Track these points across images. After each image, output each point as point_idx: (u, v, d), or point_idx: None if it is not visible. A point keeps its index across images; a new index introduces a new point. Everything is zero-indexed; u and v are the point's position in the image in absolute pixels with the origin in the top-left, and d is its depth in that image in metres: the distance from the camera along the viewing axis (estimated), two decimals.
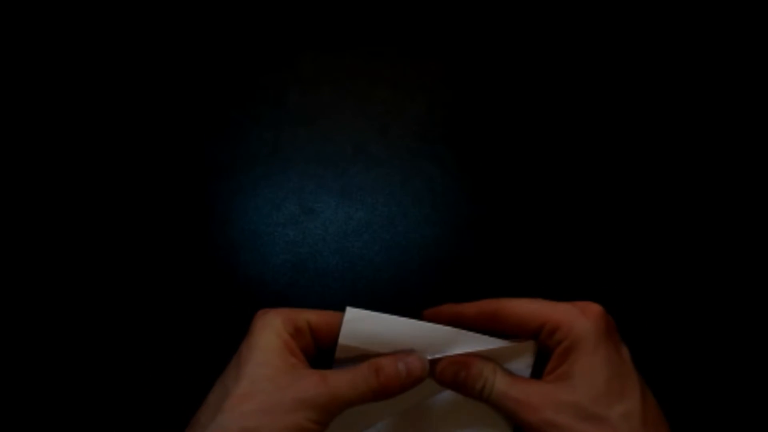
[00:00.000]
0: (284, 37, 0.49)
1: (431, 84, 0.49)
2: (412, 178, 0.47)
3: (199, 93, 0.48)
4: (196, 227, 0.46)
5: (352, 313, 0.33)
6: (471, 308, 0.35)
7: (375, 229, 0.46)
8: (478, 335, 0.34)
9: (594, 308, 0.32)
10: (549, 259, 0.46)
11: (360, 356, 0.33)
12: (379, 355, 0.33)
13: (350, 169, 0.47)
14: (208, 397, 0.32)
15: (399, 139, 0.48)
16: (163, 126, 0.48)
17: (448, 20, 0.50)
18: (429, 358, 0.34)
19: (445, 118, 0.48)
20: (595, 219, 0.46)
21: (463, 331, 0.34)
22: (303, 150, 0.47)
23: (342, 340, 0.33)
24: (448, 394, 0.35)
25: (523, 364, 0.34)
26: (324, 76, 0.49)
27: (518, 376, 0.33)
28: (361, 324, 0.33)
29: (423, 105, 0.48)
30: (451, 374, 0.33)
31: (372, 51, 0.49)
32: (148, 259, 0.45)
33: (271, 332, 0.32)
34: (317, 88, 0.48)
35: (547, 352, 0.33)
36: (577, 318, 0.32)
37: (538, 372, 0.34)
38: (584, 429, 0.29)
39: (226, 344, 0.44)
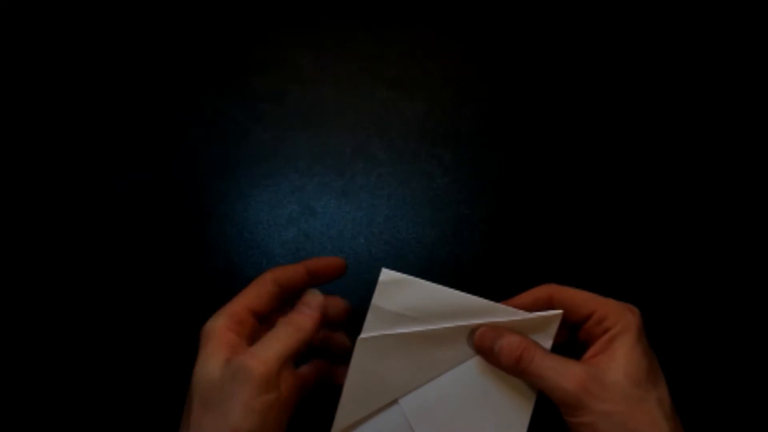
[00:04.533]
0: (284, 37, 0.49)
1: (431, 84, 0.49)
2: (412, 178, 0.47)
3: (199, 93, 0.48)
4: (196, 227, 0.46)
5: (386, 275, 0.35)
6: (527, 298, 0.37)
7: (375, 229, 0.46)
8: (507, 307, 0.36)
9: (635, 308, 0.35)
10: (549, 258, 0.46)
11: (391, 320, 0.35)
12: (410, 320, 0.35)
13: (350, 169, 0.47)
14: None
15: (399, 139, 0.48)
16: (163, 126, 0.48)
17: (447, 20, 0.50)
18: (463, 324, 0.35)
19: (445, 118, 0.48)
20: (595, 218, 0.46)
21: (494, 303, 0.36)
22: (303, 150, 0.47)
23: (375, 301, 0.35)
24: (470, 366, 0.36)
25: (547, 334, 0.36)
26: (324, 76, 0.49)
27: (557, 354, 0.35)
28: (394, 287, 0.35)
29: (423, 105, 0.48)
30: (490, 340, 0.35)
31: (372, 51, 0.49)
32: (148, 260, 0.45)
33: (212, 343, 0.34)
34: (317, 88, 0.48)
35: (587, 340, 0.36)
36: (625, 312, 0.35)
37: (576, 356, 0.36)
38: (623, 405, 0.32)
39: None
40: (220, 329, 0.34)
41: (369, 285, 0.45)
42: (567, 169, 0.47)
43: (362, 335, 0.36)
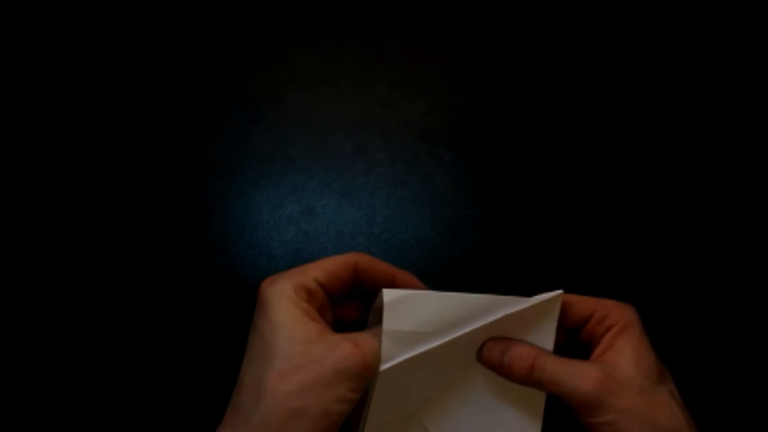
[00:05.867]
0: (284, 37, 0.49)
1: (431, 84, 0.49)
2: (412, 178, 0.47)
3: (199, 93, 0.48)
4: (196, 227, 0.46)
5: (389, 295, 0.33)
6: None
7: (375, 229, 0.46)
8: (512, 298, 0.34)
9: (632, 306, 0.36)
10: (548, 258, 0.46)
11: (408, 340, 0.33)
12: (427, 335, 0.33)
13: (350, 169, 0.47)
14: (242, 378, 0.32)
15: (399, 139, 0.48)
16: (163, 126, 0.48)
17: (447, 20, 0.50)
18: (476, 327, 0.34)
19: (445, 118, 0.48)
20: (595, 218, 0.46)
21: (498, 296, 0.34)
22: (303, 150, 0.47)
23: (386, 326, 0.33)
24: (485, 375, 0.36)
25: (551, 318, 0.35)
26: (324, 76, 0.49)
27: (567, 358, 0.35)
28: (400, 305, 0.33)
29: (423, 105, 0.48)
30: (498, 354, 0.34)
31: (372, 51, 0.49)
32: (148, 259, 0.45)
33: (288, 304, 0.32)
34: (317, 88, 0.48)
35: (589, 341, 0.36)
36: (625, 309, 0.35)
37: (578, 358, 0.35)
38: (641, 399, 0.32)
39: (226, 344, 0.44)
40: (292, 294, 0.32)
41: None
42: (567, 168, 0.47)
43: (383, 366, 0.33)
